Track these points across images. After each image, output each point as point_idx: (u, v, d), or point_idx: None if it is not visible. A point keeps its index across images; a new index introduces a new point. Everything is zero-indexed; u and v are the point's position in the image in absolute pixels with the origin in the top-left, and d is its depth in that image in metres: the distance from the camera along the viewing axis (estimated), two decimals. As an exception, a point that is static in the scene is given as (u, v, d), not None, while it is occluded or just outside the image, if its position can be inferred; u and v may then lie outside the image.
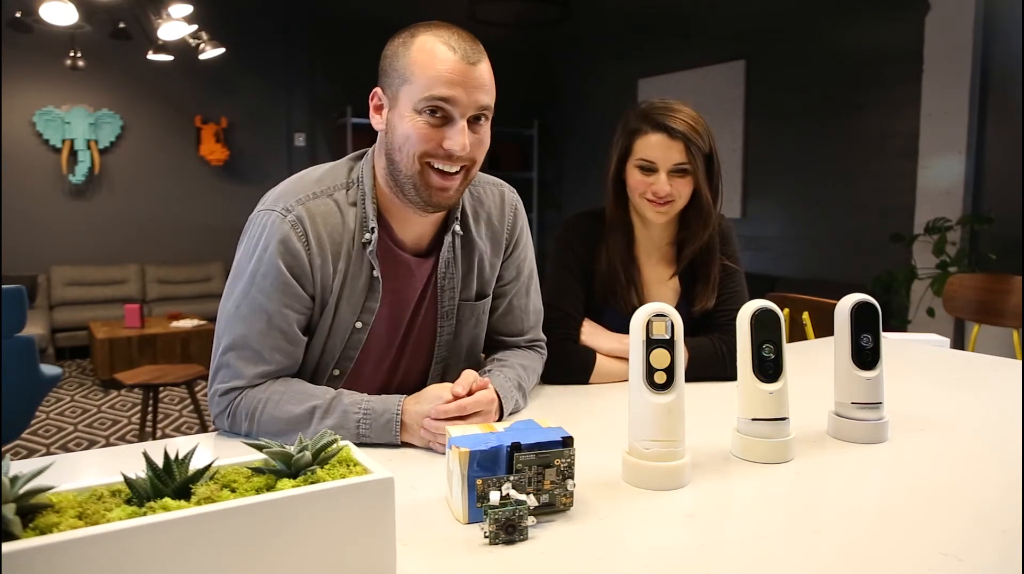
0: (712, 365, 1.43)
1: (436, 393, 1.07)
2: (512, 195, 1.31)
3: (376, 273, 1.14)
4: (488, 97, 1.07)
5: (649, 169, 1.43)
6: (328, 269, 1.12)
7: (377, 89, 1.11)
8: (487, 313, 1.29)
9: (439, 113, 1.04)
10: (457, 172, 1.08)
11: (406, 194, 1.10)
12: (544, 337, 1.39)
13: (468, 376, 1.10)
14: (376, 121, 1.12)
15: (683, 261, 1.53)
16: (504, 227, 1.27)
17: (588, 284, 1.52)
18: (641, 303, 1.51)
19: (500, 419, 1.14)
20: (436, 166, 1.07)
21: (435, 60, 1.03)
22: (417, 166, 1.07)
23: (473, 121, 1.07)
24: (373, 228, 1.12)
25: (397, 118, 1.07)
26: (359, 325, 1.16)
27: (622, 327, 1.49)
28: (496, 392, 1.13)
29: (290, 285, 1.09)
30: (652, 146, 1.42)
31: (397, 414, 1.06)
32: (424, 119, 1.04)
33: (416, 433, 1.05)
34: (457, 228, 1.20)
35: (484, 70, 1.07)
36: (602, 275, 1.51)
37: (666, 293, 1.55)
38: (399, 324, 1.21)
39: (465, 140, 1.05)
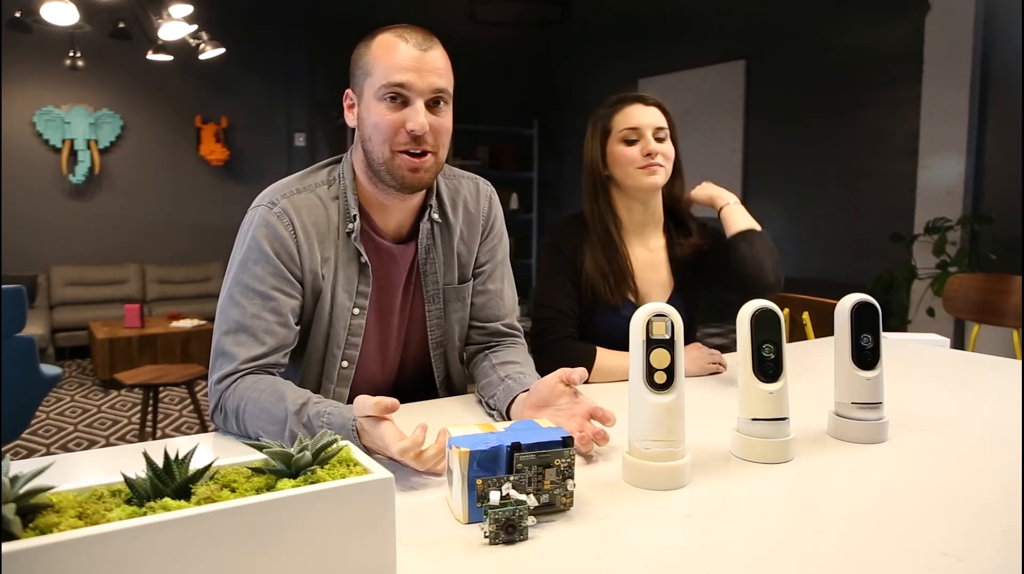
0: (768, 253, 1.48)
1: (387, 434, 0.92)
2: (487, 187, 1.38)
3: (364, 259, 1.21)
4: (442, 80, 1.15)
5: (633, 140, 1.51)
6: (316, 257, 1.18)
7: (348, 90, 1.20)
8: (470, 294, 1.35)
9: (398, 99, 1.12)
10: (424, 154, 1.15)
11: (383, 180, 1.17)
12: (519, 327, 1.41)
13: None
14: (349, 119, 1.21)
15: (666, 227, 1.61)
16: (480, 213, 1.34)
17: (578, 285, 1.53)
18: (635, 290, 1.53)
19: None
20: (403, 150, 1.14)
21: (390, 51, 1.12)
22: (388, 152, 1.14)
23: (432, 105, 1.14)
24: (355, 216, 1.20)
25: (364, 110, 1.16)
26: (356, 311, 1.22)
27: (614, 324, 1.50)
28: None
29: (279, 268, 1.15)
30: (632, 115, 1.53)
31: (352, 430, 0.96)
32: (385, 105, 1.13)
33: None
34: (435, 216, 1.27)
35: (437, 56, 1.15)
36: (591, 271, 1.52)
37: (659, 278, 1.57)
38: (390, 310, 1.27)
39: (423, 120, 1.12)
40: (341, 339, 1.22)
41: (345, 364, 1.24)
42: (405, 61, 1.11)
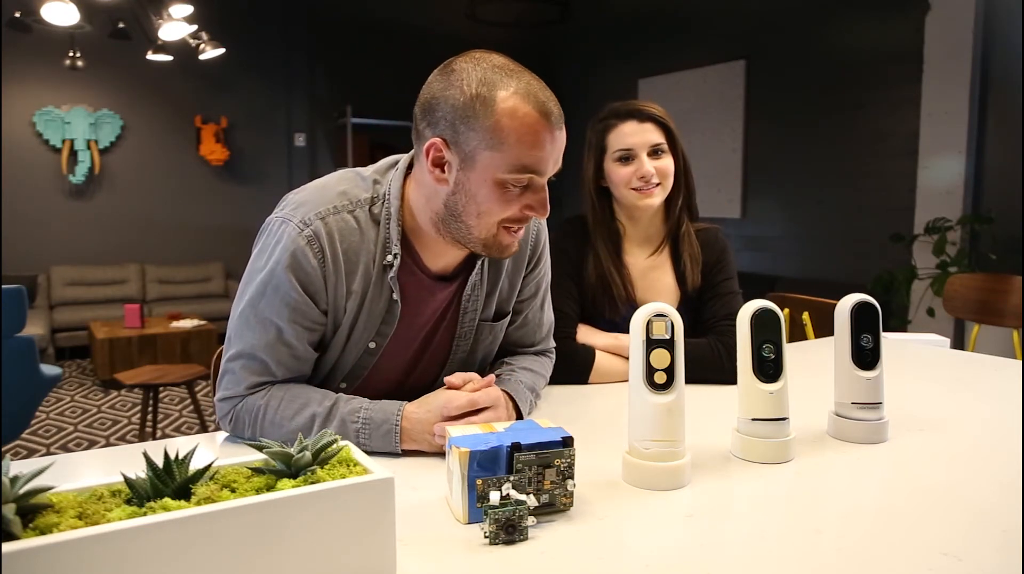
0: (709, 366, 1.43)
1: (442, 398, 1.05)
2: None
3: (396, 296, 1.11)
4: (560, 158, 1.05)
5: (628, 158, 1.47)
6: (342, 288, 1.08)
7: (437, 141, 1.00)
8: (504, 329, 1.27)
9: (527, 181, 1.01)
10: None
11: (469, 246, 1.08)
12: (554, 344, 1.37)
13: (462, 373, 1.09)
14: (436, 176, 1.02)
15: (668, 237, 1.55)
16: (528, 242, 1.24)
17: (581, 286, 1.53)
18: (635, 305, 1.52)
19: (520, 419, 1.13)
20: (511, 227, 1.05)
21: (530, 132, 0.97)
22: (495, 230, 1.04)
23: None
24: (397, 254, 1.09)
25: (476, 183, 1.00)
26: (372, 346, 1.14)
27: (614, 330, 1.50)
28: (510, 394, 1.12)
29: (301, 302, 1.06)
30: (626, 134, 1.47)
31: (396, 423, 1.03)
32: (511, 188, 1.00)
33: (423, 439, 1.03)
34: None
35: (563, 127, 1.03)
36: (594, 281, 1.51)
37: (663, 287, 1.56)
38: (413, 345, 1.19)
39: (547, 202, 1.03)
40: (347, 367, 1.15)
41: (344, 385, 1.16)
42: (546, 143, 0.98)
